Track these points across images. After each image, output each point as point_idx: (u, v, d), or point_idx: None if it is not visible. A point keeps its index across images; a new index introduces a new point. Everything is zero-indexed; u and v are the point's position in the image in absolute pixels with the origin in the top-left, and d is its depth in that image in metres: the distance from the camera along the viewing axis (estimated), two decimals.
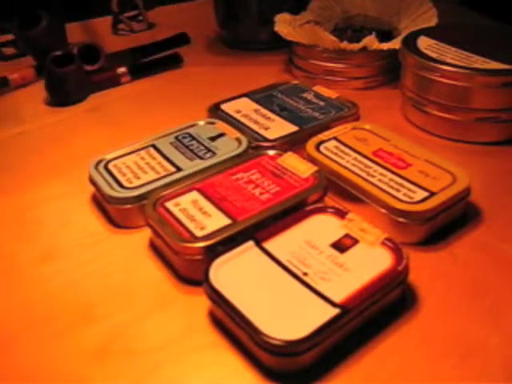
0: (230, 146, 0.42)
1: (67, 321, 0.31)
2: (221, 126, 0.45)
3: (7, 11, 0.65)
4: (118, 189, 0.38)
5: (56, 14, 0.63)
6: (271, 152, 0.41)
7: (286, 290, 0.29)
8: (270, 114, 0.48)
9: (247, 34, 0.69)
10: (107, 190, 0.37)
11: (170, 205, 0.35)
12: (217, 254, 0.31)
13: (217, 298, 0.29)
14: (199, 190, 0.37)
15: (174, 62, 0.65)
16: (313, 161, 0.40)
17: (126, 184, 0.38)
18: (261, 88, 0.53)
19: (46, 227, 0.39)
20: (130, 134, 0.39)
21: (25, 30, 0.60)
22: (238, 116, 0.48)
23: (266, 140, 0.43)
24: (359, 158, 0.40)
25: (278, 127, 0.46)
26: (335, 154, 0.40)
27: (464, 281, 0.33)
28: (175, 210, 0.35)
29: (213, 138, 0.43)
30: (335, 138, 0.42)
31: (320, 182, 0.37)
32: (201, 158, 0.41)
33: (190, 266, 0.33)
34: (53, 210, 0.40)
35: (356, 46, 0.55)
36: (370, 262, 0.30)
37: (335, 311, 0.27)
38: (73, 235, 0.38)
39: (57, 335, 0.30)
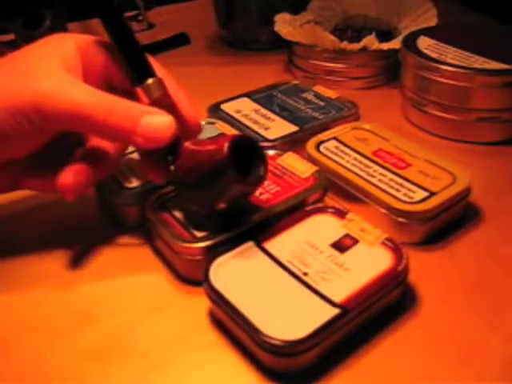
0: None
1: (67, 321, 0.31)
2: (221, 126, 0.45)
3: (9, 11, 0.65)
4: (118, 189, 0.38)
5: (58, 13, 0.63)
6: (271, 152, 0.41)
7: (286, 290, 0.29)
8: (270, 114, 0.48)
9: (247, 34, 0.69)
10: (107, 190, 0.37)
11: (170, 205, 0.35)
12: (217, 254, 0.31)
13: (217, 298, 0.29)
14: None
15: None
16: (313, 161, 0.40)
17: (126, 184, 0.38)
18: (261, 88, 0.53)
19: (44, 227, 0.39)
20: None
21: (29, 30, 0.60)
22: (237, 116, 0.48)
23: (266, 140, 0.43)
24: (359, 158, 0.40)
25: (278, 127, 0.46)
26: (335, 154, 0.40)
27: (464, 281, 0.33)
28: (175, 210, 0.35)
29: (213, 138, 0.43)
30: (335, 138, 0.42)
31: (320, 181, 0.37)
32: None
33: (190, 266, 0.33)
34: (52, 209, 0.40)
35: (356, 46, 0.55)
36: (370, 261, 0.30)
37: (335, 311, 0.27)
38: (72, 235, 0.38)
39: (56, 335, 0.30)
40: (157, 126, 0.29)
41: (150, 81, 0.31)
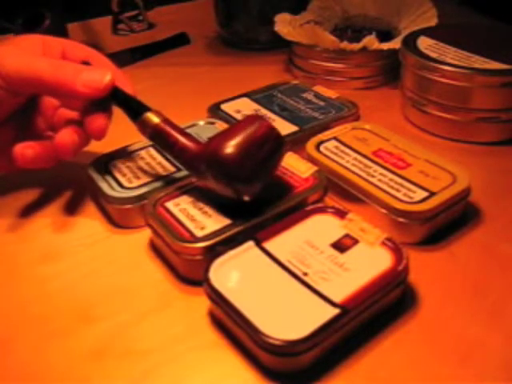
0: None
1: (67, 321, 0.31)
2: (221, 126, 0.45)
3: (9, 11, 0.65)
4: (118, 189, 0.38)
5: (58, 13, 0.64)
6: None
7: (286, 289, 0.29)
8: (270, 114, 0.48)
9: (247, 34, 0.69)
10: (107, 190, 0.37)
11: (170, 205, 0.35)
12: (217, 254, 0.31)
13: (217, 298, 0.29)
14: (199, 190, 0.36)
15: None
16: (313, 161, 0.40)
17: (126, 184, 0.38)
18: (261, 88, 0.53)
19: (45, 227, 0.39)
20: (129, 134, 0.39)
21: (28, 30, 0.60)
22: (238, 116, 0.47)
23: None
24: (359, 157, 0.40)
25: (278, 127, 0.45)
26: (335, 154, 0.40)
27: (464, 281, 0.33)
28: (175, 210, 0.35)
29: None
30: (335, 138, 0.42)
31: (320, 181, 0.37)
32: None
33: (189, 266, 0.33)
34: (52, 209, 0.40)
35: (356, 46, 0.55)
36: (369, 262, 0.30)
37: (335, 311, 0.27)
38: (73, 235, 0.38)
39: (56, 335, 0.30)
40: (95, 74, 0.34)
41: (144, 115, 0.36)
